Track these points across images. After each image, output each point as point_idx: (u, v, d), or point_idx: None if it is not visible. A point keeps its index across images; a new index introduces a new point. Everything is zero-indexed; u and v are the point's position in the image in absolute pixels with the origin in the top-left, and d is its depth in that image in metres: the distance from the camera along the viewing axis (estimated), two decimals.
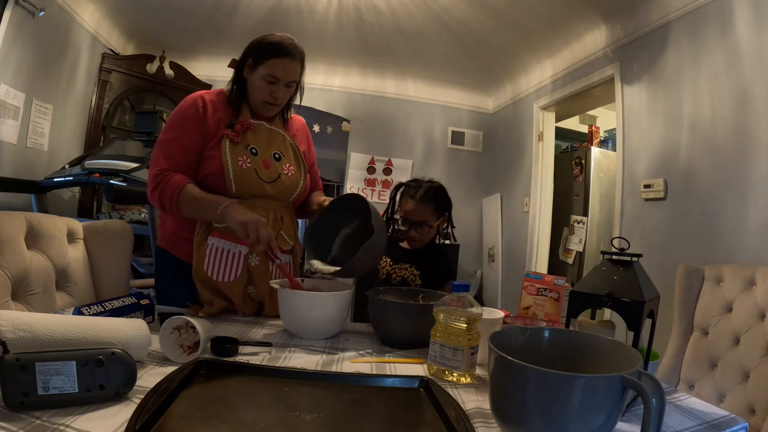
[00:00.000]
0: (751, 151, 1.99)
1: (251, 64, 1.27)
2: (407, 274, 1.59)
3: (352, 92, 4.68)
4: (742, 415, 1.28)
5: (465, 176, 4.86)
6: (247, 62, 1.28)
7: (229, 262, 1.23)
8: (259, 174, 1.26)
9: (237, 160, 1.23)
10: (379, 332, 1.12)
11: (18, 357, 0.60)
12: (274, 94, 1.27)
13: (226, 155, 1.22)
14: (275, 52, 1.24)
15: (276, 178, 1.29)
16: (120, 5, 3.40)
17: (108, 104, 3.62)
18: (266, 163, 1.28)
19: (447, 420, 0.64)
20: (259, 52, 1.26)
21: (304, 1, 3.20)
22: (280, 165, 1.31)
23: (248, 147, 1.26)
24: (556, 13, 3.00)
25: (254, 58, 1.27)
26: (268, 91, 1.27)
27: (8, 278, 0.97)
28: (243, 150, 1.25)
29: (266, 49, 1.25)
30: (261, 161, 1.27)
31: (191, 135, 1.24)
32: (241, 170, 1.23)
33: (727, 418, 0.78)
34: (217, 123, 1.26)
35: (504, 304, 4.18)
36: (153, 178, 1.21)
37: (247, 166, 1.24)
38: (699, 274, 1.61)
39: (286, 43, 1.26)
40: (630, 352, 0.64)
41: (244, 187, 1.24)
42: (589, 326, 0.95)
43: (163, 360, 0.84)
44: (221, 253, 1.22)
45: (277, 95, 1.28)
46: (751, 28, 2.03)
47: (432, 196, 1.57)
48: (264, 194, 1.28)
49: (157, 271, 1.39)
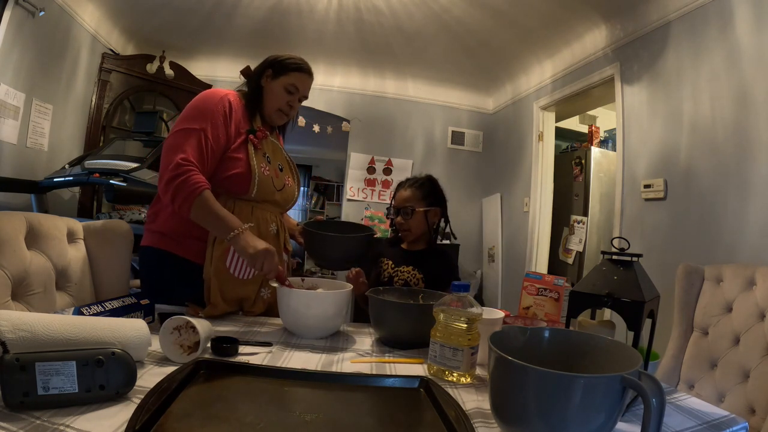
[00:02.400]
0: (751, 151, 1.99)
1: (271, 74, 1.36)
2: (410, 277, 1.58)
3: (352, 92, 4.68)
4: (742, 415, 1.28)
5: (465, 176, 4.86)
6: (267, 72, 1.37)
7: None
8: (274, 182, 1.33)
9: (260, 165, 1.29)
10: (379, 332, 1.12)
11: (18, 357, 0.60)
12: (290, 103, 1.38)
13: (253, 159, 1.28)
14: (298, 68, 1.37)
15: (282, 187, 1.38)
16: (120, 5, 3.40)
17: (108, 104, 3.62)
18: (276, 172, 1.36)
19: (447, 420, 0.64)
20: (282, 65, 1.36)
21: (304, 1, 3.20)
22: (284, 175, 1.40)
23: (265, 155, 1.33)
24: (556, 13, 3.00)
25: (276, 69, 1.36)
26: (285, 100, 1.37)
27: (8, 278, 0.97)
28: (262, 157, 1.32)
29: (290, 63, 1.37)
30: (274, 170, 1.35)
31: (220, 131, 1.25)
32: (263, 176, 1.29)
33: (727, 418, 0.77)
34: (237, 125, 1.30)
35: (504, 304, 4.18)
36: (175, 166, 1.15)
37: (267, 173, 1.31)
38: (699, 274, 1.61)
39: (307, 64, 1.40)
40: (630, 352, 0.64)
41: (262, 192, 1.30)
42: (589, 326, 0.95)
43: (163, 360, 0.84)
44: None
45: (293, 105, 1.39)
46: (751, 28, 2.03)
47: (419, 185, 1.63)
48: (273, 201, 1.35)
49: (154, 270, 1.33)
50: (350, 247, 1.45)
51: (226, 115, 1.26)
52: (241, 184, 1.26)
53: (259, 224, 1.32)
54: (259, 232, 1.30)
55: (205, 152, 1.21)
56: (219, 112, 1.25)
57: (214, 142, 1.23)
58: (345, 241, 1.45)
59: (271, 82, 1.36)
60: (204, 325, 0.89)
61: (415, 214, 1.59)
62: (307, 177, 9.12)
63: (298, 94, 1.38)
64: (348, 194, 4.74)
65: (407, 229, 1.61)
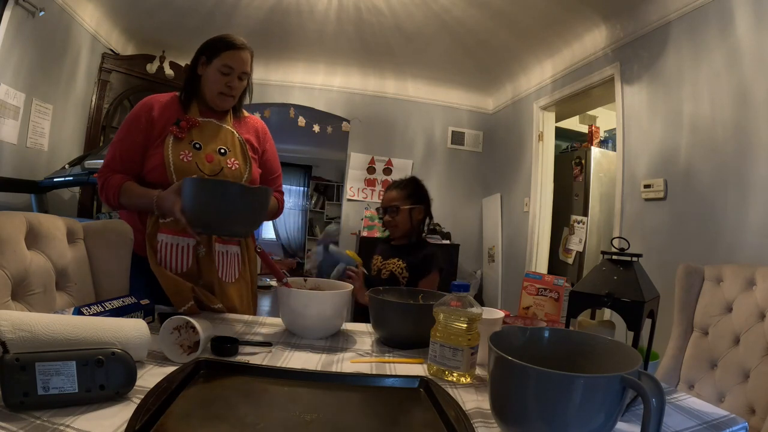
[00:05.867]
0: (751, 151, 1.99)
1: (205, 60, 1.38)
2: (395, 268, 1.75)
3: (352, 92, 4.68)
4: (742, 415, 1.28)
5: (465, 176, 4.87)
6: (200, 60, 1.38)
7: (178, 255, 1.32)
8: (200, 167, 1.34)
9: (179, 154, 1.32)
10: (379, 332, 1.12)
11: (18, 357, 0.60)
12: (228, 84, 1.37)
13: (167, 150, 1.32)
14: (228, 45, 1.35)
15: (219, 171, 1.37)
16: (120, 5, 3.40)
17: (108, 104, 3.62)
18: (209, 157, 1.36)
19: (447, 420, 0.64)
20: (212, 48, 1.36)
21: (304, 1, 3.20)
22: (224, 159, 1.39)
23: (192, 143, 1.35)
24: (556, 13, 3.00)
25: (208, 54, 1.37)
26: (223, 82, 1.36)
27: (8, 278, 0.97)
28: (186, 145, 1.34)
29: (219, 43, 1.36)
30: (204, 155, 1.35)
31: (135, 137, 1.34)
32: (181, 163, 1.31)
33: (727, 418, 0.77)
34: (165, 122, 1.35)
35: (504, 304, 4.18)
36: (99, 179, 1.35)
37: (188, 159, 1.33)
38: (699, 274, 1.61)
39: (237, 38, 1.38)
40: (630, 352, 0.64)
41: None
42: (589, 326, 0.95)
43: (163, 360, 0.84)
44: (171, 247, 1.31)
45: (232, 85, 1.38)
46: (751, 28, 2.03)
47: (402, 185, 1.80)
48: None
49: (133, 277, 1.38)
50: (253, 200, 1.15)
51: (145, 118, 1.35)
52: (159, 176, 1.31)
53: None
54: None
55: (119, 160, 1.34)
56: (135, 118, 1.36)
57: (131, 147, 1.34)
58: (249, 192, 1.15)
59: (206, 69, 1.38)
60: (204, 325, 0.89)
61: (400, 212, 1.78)
62: (307, 177, 9.12)
63: (234, 72, 1.36)
64: (348, 194, 4.74)
65: (394, 226, 1.79)
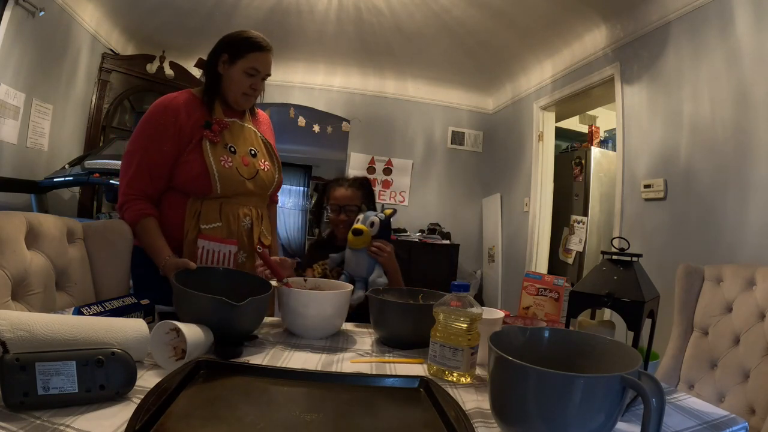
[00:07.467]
0: (751, 151, 1.99)
1: (227, 59, 1.31)
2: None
3: (352, 92, 4.68)
4: (742, 415, 1.28)
5: (465, 176, 4.86)
6: (221, 58, 1.31)
7: (220, 261, 1.27)
8: (240, 172, 1.29)
9: (219, 160, 1.26)
10: (379, 332, 1.12)
11: (18, 357, 0.60)
12: (253, 86, 1.32)
13: (209, 157, 1.24)
14: (254, 46, 1.30)
15: (255, 175, 1.33)
16: (120, 5, 3.40)
17: (108, 104, 3.62)
18: (245, 160, 1.32)
19: (447, 420, 0.64)
20: (236, 47, 1.30)
21: (304, 1, 3.20)
22: (256, 161, 1.35)
23: (227, 146, 1.29)
24: (556, 13, 3.00)
25: (231, 53, 1.30)
26: (247, 84, 1.31)
27: (8, 278, 0.97)
28: (223, 150, 1.27)
29: (244, 44, 1.30)
30: (240, 159, 1.31)
31: (162, 146, 1.24)
32: (224, 170, 1.26)
33: (727, 418, 0.77)
34: (193, 125, 1.27)
35: (504, 304, 4.18)
36: (121, 195, 1.26)
37: (229, 165, 1.27)
38: (699, 274, 1.61)
39: (262, 38, 1.32)
40: (630, 352, 0.64)
41: (227, 186, 1.27)
42: (589, 326, 0.95)
43: None
44: (212, 254, 1.26)
45: (256, 87, 1.33)
46: (751, 28, 2.03)
47: (359, 185, 1.75)
48: (246, 191, 1.32)
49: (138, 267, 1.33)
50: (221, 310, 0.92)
51: (173, 123, 1.25)
52: (201, 185, 1.25)
53: (229, 222, 1.29)
54: (228, 231, 1.29)
55: (147, 172, 1.25)
56: (163, 124, 1.25)
57: (159, 159, 1.24)
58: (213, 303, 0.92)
59: (229, 68, 1.30)
60: (200, 331, 0.87)
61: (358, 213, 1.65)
62: (307, 177, 9.11)
63: (259, 75, 1.32)
64: None
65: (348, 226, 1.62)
